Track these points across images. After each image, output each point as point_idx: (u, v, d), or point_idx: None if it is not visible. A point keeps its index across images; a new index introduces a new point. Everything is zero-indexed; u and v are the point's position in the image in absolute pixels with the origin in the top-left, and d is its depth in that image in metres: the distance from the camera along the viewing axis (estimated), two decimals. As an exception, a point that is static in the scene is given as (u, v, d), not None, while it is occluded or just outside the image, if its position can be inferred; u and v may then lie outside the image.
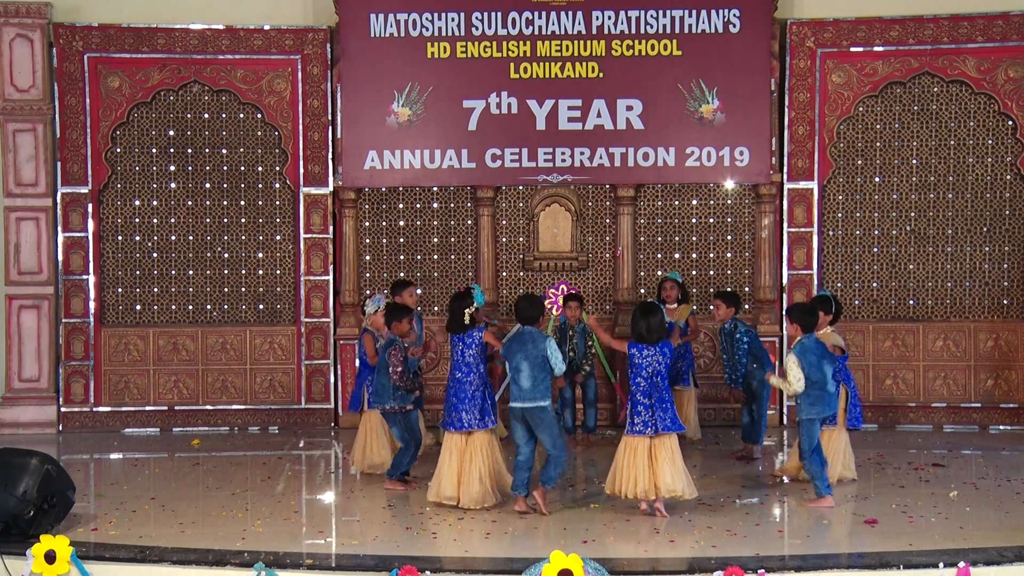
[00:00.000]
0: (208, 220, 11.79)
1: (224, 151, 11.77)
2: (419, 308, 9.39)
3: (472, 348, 8.14)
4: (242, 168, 11.79)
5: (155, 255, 11.77)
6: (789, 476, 8.98)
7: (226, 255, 11.82)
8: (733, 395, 9.97)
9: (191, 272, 11.80)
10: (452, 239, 11.90)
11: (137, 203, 11.74)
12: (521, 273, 11.91)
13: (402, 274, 11.82)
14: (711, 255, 11.81)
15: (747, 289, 11.71)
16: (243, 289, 11.85)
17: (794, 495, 8.48)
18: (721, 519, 7.76)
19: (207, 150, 11.76)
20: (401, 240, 11.90)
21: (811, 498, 8.24)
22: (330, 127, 11.69)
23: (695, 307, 10.66)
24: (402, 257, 11.90)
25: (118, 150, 11.69)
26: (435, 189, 11.84)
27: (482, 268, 11.76)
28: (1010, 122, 11.42)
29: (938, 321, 11.62)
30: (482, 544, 7.32)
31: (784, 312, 8.65)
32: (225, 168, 11.77)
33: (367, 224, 11.88)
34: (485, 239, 11.80)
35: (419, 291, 11.79)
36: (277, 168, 11.77)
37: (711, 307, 10.58)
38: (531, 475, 7.98)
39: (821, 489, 8.15)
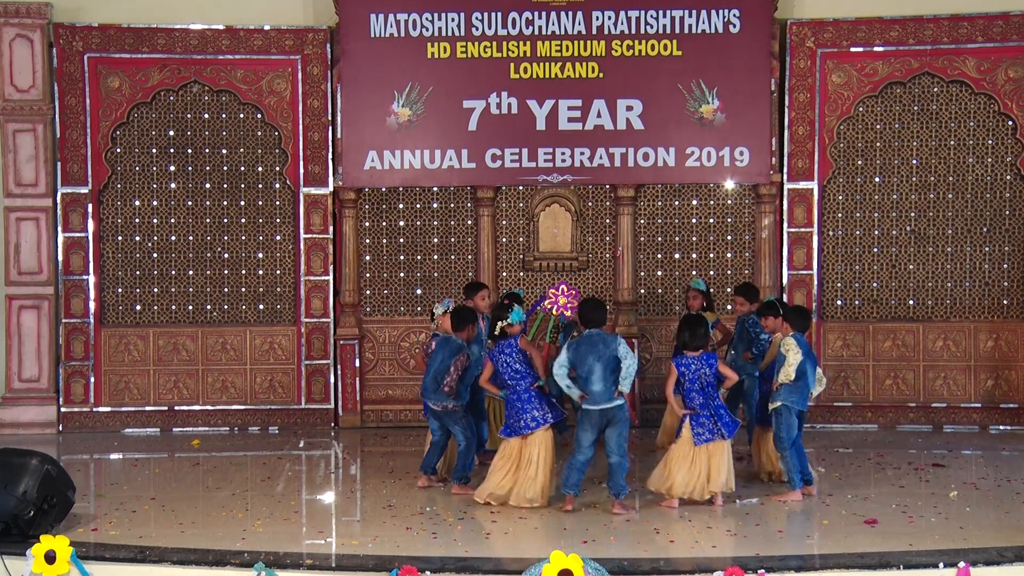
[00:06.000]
0: (208, 220, 11.79)
1: (224, 151, 11.76)
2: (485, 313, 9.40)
3: (513, 356, 8.19)
4: (242, 168, 11.79)
5: (155, 255, 11.76)
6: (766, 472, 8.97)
7: (226, 255, 11.82)
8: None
9: (191, 272, 11.80)
10: (452, 239, 11.89)
11: (137, 203, 11.74)
12: (521, 273, 11.91)
13: (402, 274, 11.84)
14: (711, 255, 11.81)
15: (747, 289, 11.69)
16: (243, 289, 11.85)
17: (774, 493, 8.49)
18: (721, 519, 7.77)
19: (207, 150, 11.76)
20: (401, 240, 11.90)
21: (780, 492, 8.38)
22: (330, 127, 11.69)
23: (717, 317, 10.54)
24: (402, 257, 11.89)
25: (118, 150, 11.69)
26: (435, 189, 11.84)
27: (482, 268, 11.76)
28: (1010, 122, 11.42)
29: (938, 321, 11.62)
30: (482, 544, 7.33)
31: (779, 311, 8.76)
32: (225, 168, 11.77)
33: (367, 224, 11.88)
34: (485, 239, 11.80)
35: (419, 291, 11.87)
36: (277, 168, 11.77)
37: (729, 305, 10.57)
38: (583, 476, 8.06)
39: (795, 482, 8.28)
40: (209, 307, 11.83)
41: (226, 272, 11.82)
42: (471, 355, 8.78)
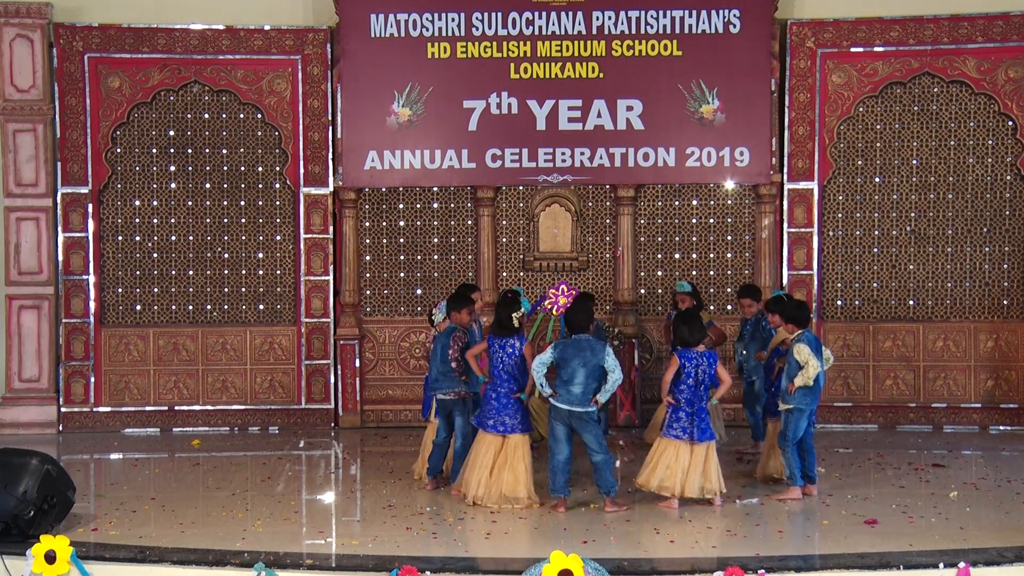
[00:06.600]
0: (208, 220, 11.79)
1: (224, 151, 11.77)
2: (478, 315, 9.32)
3: (512, 359, 8.19)
4: (242, 168, 11.79)
5: (155, 255, 11.77)
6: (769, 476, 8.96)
7: (226, 255, 11.82)
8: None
9: (191, 272, 11.80)
10: (452, 239, 11.90)
11: (137, 203, 11.74)
12: (521, 273, 11.91)
13: (402, 274, 11.85)
14: (711, 255, 11.81)
15: (747, 289, 11.69)
16: (243, 289, 11.85)
17: (774, 493, 8.49)
18: (721, 519, 7.78)
19: (207, 150, 11.76)
20: (401, 240, 11.90)
21: (780, 491, 8.38)
22: (330, 127, 11.69)
23: (712, 320, 10.51)
24: (402, 257, 11.90)
25: (118, 150, 11.69)
26: (435, 189, 11.84)
27: (482, 268, 11.76)
28: (1010, 122, 11.43)
29: (938, 321, 11.62)
30: (482, 544, 7.33)
31: (775, 307, 8.81)
32: (225, 168, 11.77)
33: (367, 224, 11.88)
34: (485, 239, 11.80)
35: (419, 291, 11.87)
36: (277, 168, 11.77)
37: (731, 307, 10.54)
38: (569, 476, 8.04)
39: (796, 479, 8.31)
40: (209, 307, 11.83)
41: (226, 272, 11.82)
42: (472, 336, 8.79)
